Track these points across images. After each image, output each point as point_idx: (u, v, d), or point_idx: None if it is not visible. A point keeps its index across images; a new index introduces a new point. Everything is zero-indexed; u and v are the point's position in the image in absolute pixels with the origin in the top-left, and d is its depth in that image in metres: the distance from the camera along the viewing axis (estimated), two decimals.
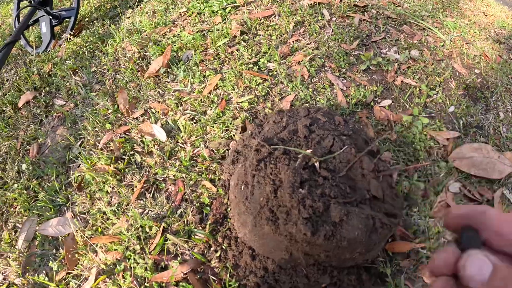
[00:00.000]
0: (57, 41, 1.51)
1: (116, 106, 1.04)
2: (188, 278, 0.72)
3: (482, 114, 1.10)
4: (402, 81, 1.07)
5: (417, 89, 1.07)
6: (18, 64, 1.48)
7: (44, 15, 1.56)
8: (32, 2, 1.57)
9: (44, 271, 0.84)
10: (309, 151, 0.66)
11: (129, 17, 1.53)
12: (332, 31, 1.27)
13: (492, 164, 1.07)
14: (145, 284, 0.73)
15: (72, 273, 0.81)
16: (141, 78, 1.11)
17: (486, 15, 1.79)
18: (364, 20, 1.36)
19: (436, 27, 1.46)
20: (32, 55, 1.50)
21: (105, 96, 1.09)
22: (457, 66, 1.24)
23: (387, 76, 1.08)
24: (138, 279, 0.74)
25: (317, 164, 0.64)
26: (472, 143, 1.08)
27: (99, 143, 0.97)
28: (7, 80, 1.42)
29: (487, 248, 0.24)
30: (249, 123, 0.88)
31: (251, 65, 1.08)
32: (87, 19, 1.66)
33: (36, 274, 0.85)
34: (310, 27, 1.27)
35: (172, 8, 1.49)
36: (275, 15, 1.33)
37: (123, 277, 0.75)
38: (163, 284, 0.72)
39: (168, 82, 1.09)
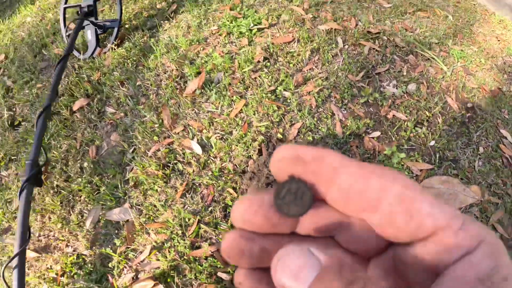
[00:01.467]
0: (102, 49, 1.96)
1: (161, 121, 1.50)
2: (214, 255, 1.18)
3: (461, 148, 1.49)
4: (393, 115, 1.48)
5: (406, 123, 1.47)
6: (67, 67, 1.95)
7: (89, 24, 2.00)
8: (79, 13, 2.02)
9: (109, 246, 1.32)
10: None
11: (166, 30, 1.96)
12: (342, 61, 1.67)
13: (455, 195, 1.43)
14: (184, 257, 1.20)
15: (130, 247, 1.29)
16: (180, 96, 1.56)
17: (499, 40, 2.12)
18: (373, 49, 1.75)
19: (441, 56, 1.84)
20: (79, 60, 1.96)
21: (151, 111, 1.55)
22: (450, 100, 1.62)
23: (381, 110, 1.49)
24: (179, 253, 1.22)
25: None
26: (442, 175, 1.47)
27: (148, 151, 1.43)
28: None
29: (323, 212, 0.19)
30: (264, 146, 1.32)
31: (269, 94, 1.51)
32: (127, 25, 2.10)
33: (101, 248, 1.33)
34: (324, 55, 1.68)
35: (205, 24, 1.91)
36: (295, 41, 1.74)
37: (169, 251, 1.23)
38: (197, 258, 1.19)
39: (202, 102, 1.53)
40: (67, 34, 2.09)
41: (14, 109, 2.02)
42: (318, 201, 0.19)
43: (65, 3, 2.13)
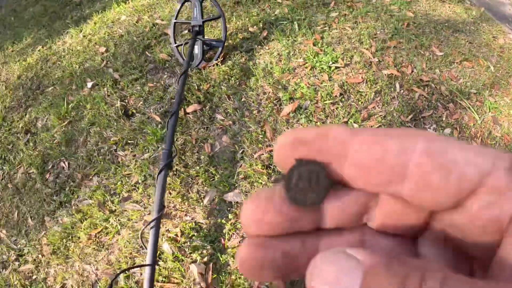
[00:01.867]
0: (207, 64, 2.68)
1: (263, 133, 2.23)
2: None
3: None
4: None
5: None
6: (177, 74, 2.69)
7: (198, 40, 2.72)
8: (190, 30, 2.73)
9: (222, 218, 2.07)
10: None
11: (261, 55, 2.67)
12: (398, 103, 2.37)
13: None
14: None
15: (239, 221, 2.04)
16: (277, 115, 2.29)
17: None
18: (422, 95, 2.45)
19: (476, 105, 2.52)
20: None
21: (255, 123, 2.28)
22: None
23: None
24: None
25: None
26: None
27: (254, 154, 2.17)
28: (171, 86, 2.64)
29: (346, 196, 0.18)
30: None
31: (343, 124, 2.23)
32: (225, 44, 2.81)
33: (216, 219, 2.08)
34: (384, 97, 2.38)
35: (293, 55, 2.62)
36: (363, 82, 2.45)
37: None
38: None
39: (294, 123, 2.26)
40: (176, 45, 2.81)
41: (126, 101, 2.76)
42: (336, 184, 0.18)
43: (176, 18, 2.85)
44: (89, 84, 3.05)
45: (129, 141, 2.49)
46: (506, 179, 0.15)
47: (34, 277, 2.10)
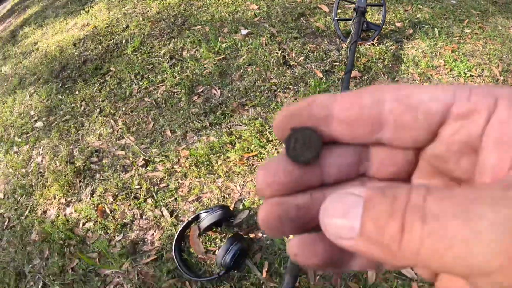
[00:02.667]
0: (363, 42, 3.36)
1: None
2: None
3: None
4: None
5: None
6: (335, 43, 3.36)
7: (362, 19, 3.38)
8: (355, 9, 3.39)
9: None
10: None
11: (408, 48, 3.36)
12: None
13: None
14: None
15: None
16: None
17: None
18: None
19: None
20: (343, 42, 3.36)
21: None
22: None
23: None
24: None
25: None
26: None
27: None
28: (331, 52, 3.32)
29: (340, 151, 0.23)
30: None
31: None
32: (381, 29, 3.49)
33: None
34: None
35: (435, 56, 3.31)
36: None
37: None
38: None
39: None
40: (337, 19, 3.47)
41: (285, 53, 3.41)
42: (331, 143, 0.22)
43: None
44: (244, 32, 3.67)
45: (289, 86, 3.05)
46: (468, 106, 0.18)
47: (162, 185, 2.26)
